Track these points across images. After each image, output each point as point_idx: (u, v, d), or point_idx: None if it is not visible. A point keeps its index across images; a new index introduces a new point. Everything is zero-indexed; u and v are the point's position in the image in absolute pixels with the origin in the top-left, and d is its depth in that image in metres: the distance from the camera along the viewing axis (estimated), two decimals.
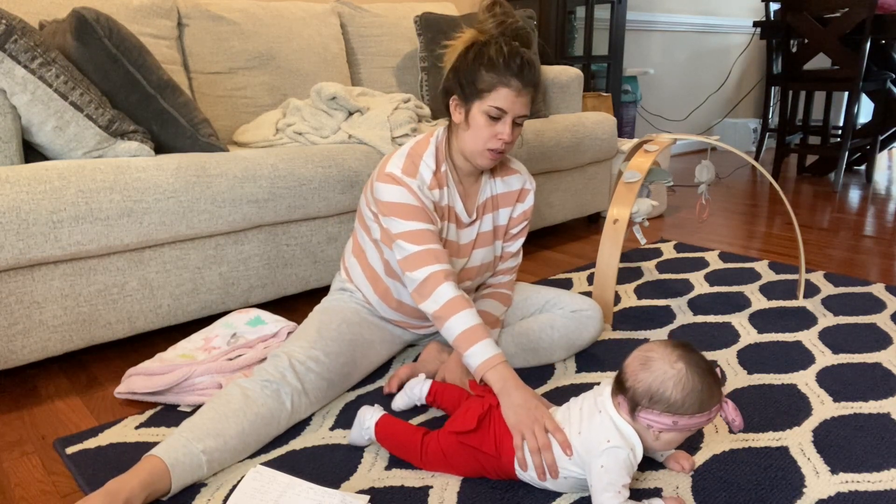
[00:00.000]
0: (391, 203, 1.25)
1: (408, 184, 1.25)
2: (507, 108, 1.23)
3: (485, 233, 1.41)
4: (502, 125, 1.25)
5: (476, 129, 1.26)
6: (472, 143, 1.27)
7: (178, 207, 1.52)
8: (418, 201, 1.25)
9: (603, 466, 0.96)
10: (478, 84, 1.23)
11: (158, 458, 1.04)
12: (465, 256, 1.39)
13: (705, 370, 0.97)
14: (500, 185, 1.43)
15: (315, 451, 1.19)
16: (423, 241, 1.23)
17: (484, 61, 1.22)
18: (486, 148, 1.26)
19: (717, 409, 0.98)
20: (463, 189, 1.37)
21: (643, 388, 0.97)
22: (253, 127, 2.03)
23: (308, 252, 1.81)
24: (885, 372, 1.45)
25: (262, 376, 1.22)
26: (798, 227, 1.91)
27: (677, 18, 4.24)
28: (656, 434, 0.98)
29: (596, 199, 2.71)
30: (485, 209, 1.41)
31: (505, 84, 1.21)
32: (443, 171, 1.32)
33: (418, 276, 1.22)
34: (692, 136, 1.80)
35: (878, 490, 1.06)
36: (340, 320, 1.37)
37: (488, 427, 1.09)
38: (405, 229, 1.24)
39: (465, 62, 1.25)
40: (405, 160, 1.28)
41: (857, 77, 3.24)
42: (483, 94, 1.23)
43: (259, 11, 2.27)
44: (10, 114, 1.43)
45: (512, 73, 1.21)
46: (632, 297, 1.94)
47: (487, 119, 1.24)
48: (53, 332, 1.43)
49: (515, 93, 1.22)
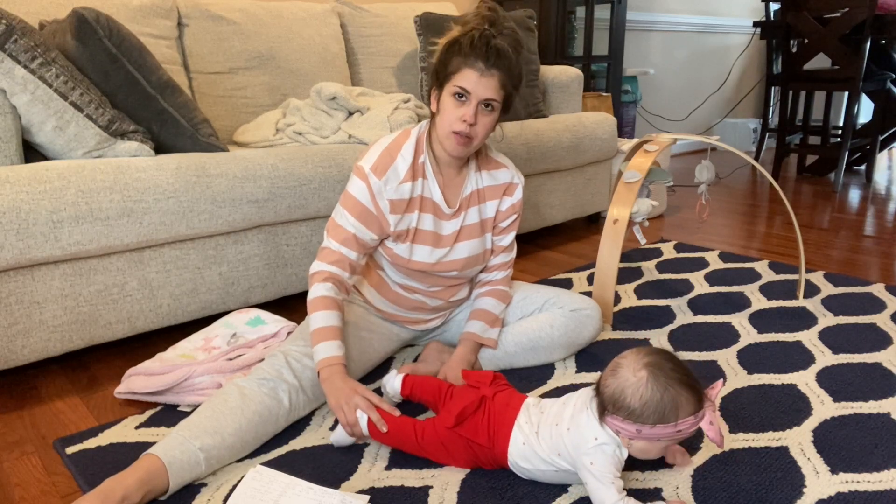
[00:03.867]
0: (349, 195, 1.32)
1: (370, 182, 1.30)
2: (471, 88, 1.24)
3: (470, 225, 1.42)
4: (466, 107, 1.26)
5: (444, 112, 1.29)
6: (441, 126, 1.30)
7: (178, 207, 1.52)
8: (372, 204, 1.31)
9: (593, 463, 0.98)
10: (448, 69, 1.27)
11: (155, 456, 1.04)
12: (447, 247, 1.40)
13: (676, 381, 0.95)
14: (486, 178, 1.44)
15: (315, 451, 1.19)
16: (338, 239, 1.31)
17: (454, 48, 1.27)
18: (451, 130, 1.28)
19: (689, 423, 0.95)
20: (443, 180, 1.39)
21: (608, 394, 0.98)
22: (253, 127, 2.03)
23: (308, 252, 1.81)
24: (885, 372, 1.45)
25: (259, 374, 1.22)
26: (798, 227, 1.91)
27: (677, 18, 4.24)
28: (626, 441, 0.98)
29: (596, 199, 2.71)
30: (469, 202, 1.42)
31: (469, 65, 1.24)
32: (420, 162, 1.35)
33: (313, 267, 1.32)
34: (692, 136, 1.80)
35: (878, 490, 1.06)
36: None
37: (482, 417, 1.10)
38: (339, 222, 1.32)
39: (442, 54, 1.29)
40: (381, 153, 1.32)
41: (857, 77, 3.24)
42: (450, 77, 1.27)
43: (259, 11, 2.27)
44: (10, 114, 1.43)
45: (477, 55, 1.23)
46: (632, 297, 1.94)
47: (454, 100, 1.27)
48: (53, 332, 1.43)
49: (479, 73, 1.24)
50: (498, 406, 1.12)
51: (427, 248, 1.37)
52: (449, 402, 1.17)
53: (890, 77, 3.53)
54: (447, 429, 1.11)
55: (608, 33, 3.24)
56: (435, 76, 1.31)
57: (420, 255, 1.37)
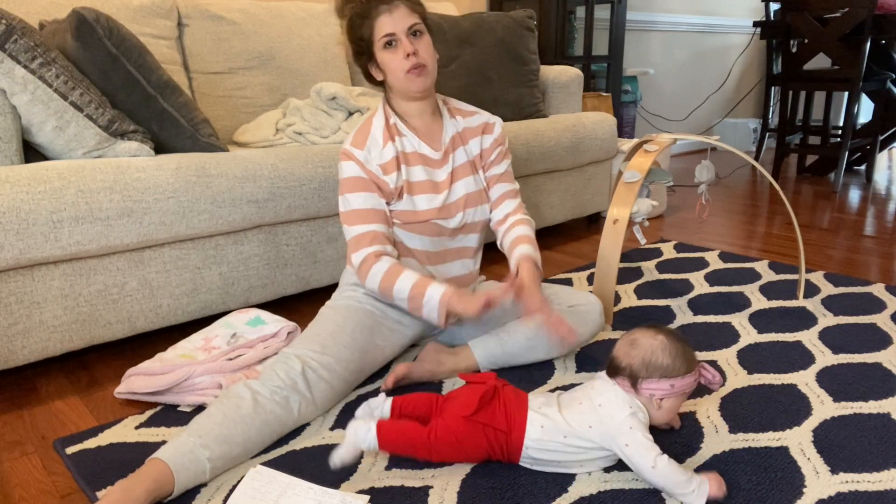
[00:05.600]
0: (344, 179, 1.38)
1: (356, 156, 1.37)
2: (392, 29, 1.30)
3: (460, 165, 1.47)
4: (400, 46, 1.32)
5: (389, 67, 1.34)
6: (395, 78, 1.35)
7: (178, 207, 1.52)
8: (365, 172, 1.37)
9: (632, 427, 1.05)
10: (363, 36, 1.33)
11: (164, 462, 1.04)
12: (445, 190, 1.44)
13: (680, 338, 1.10)
14: (461, 122, 1.50)
15: (315, 451, 1.19)
16: (358, 221, 1.35)
17: (354, 21, 1.33)
18: (405, 73, 1.33)
19: (701, 369, 1.11)
20: (422, 130, 1.44)
21: (639, 362, 1.08)
22: (253, 127, 2.03)
23: (308, 252, 1.81)
24: (885, 372, 1.45)
25: (274, 382, 1.21)
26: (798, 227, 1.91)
27: (677, 18, 4.24)
28: (658, 403, 1.08)
29: (596, 199, 2.71)
30: (454, 145, 1.47)
31: (375, 16, 1.30)
32: (392, 123, 1.42)
33: (356, 260, 1.35)
34: (692, 136, 1.80)
35: (878, 490, 1.06)
36: (354, 324, 1.36)
37: (499, 404, 1.12)
38: (350, 208, 1.36)
39: (349, 38, 1.36)
40: (356, 133, 1.40)
41: (857, 77, 3.24)
42: (372, 40, 1.33)
43: (259, 11, 2.27)
44: (10, 114, 1.43)
45: (373, 4, 1.30)
46: (632, 297, 1.94)
47: (390, 53, 1.33)
48: (53, 332, 1.43)
49: (387, 13, 1.30)
50: (510, 394, 1.15)
51: (426, 196, 1.42)
52: (450, 403, 1.15)
53: (890, 77, 3.53)
54: (466, 417, 1.10)
55: (608, 33, 3.24)
56: (361, 56, 1.37)
57: (422, 203, 1.42)
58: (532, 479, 1.11)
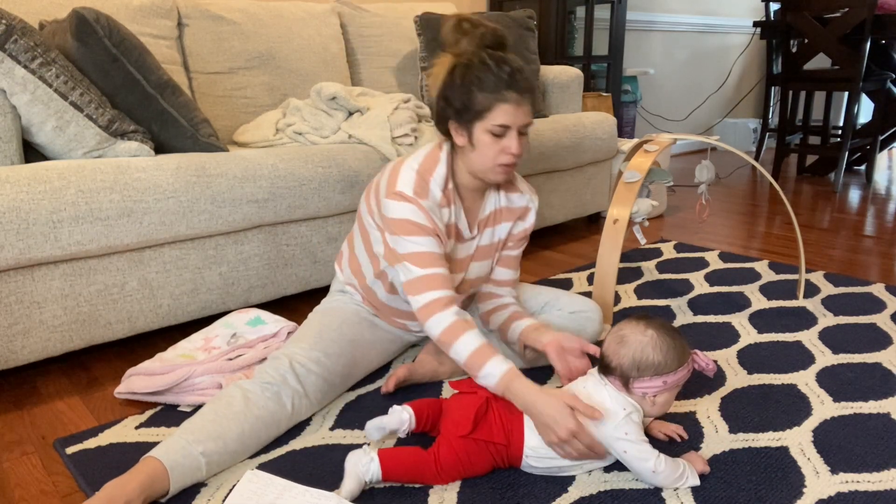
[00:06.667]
0: (400, 220, 1.22)
1: (419, 203, 1.22)
2: (510, 122, 1.20)
3: (484, 246, 1.39)
4: (508, 139, 1.21)
5: (483, 149, 1.23)
6: (481, 161, 1.24)
7: (178, 207, 1.52)
8: (429, 221, 1.22)
9: (627, 433, 1.04)
10: (474, 106, 1.20)
11: (157, 460, 1.04)
12: (463, 271, 1.38)
13: (670, 329, 1.08)
14: (503, 199, 1.40)
15: (315, 452, 1.19)
16: (429, 264, 1.21)
17: (473, 81, 1.19)
18: (496, 164, 1.23)
19: (692, 361, 1.09)
20: (467, 204, 1.35)
21: (629, 362, 1.06)
22: (253, 127, 2.03)
23: (308, 252, 1.81)
24: (885, 372, 1.45)
25: (263, 378, 1.21)
26: (798, 227, 1.91)
27: (677, 18, 4.24)
28: (652, 400, 1.07)
29: (596, 199, 2.71)
30: (486, 223, 1.39)
31: (502, 100, 1.18)
32: (450, 189, 1.30)
33: (420, 301, 1.20)
34: (692, 136, 1.80)
35: (878, 490, 1.06)
36: (341, 321, 1.37)
37: (494, 417, 1.11)
38: (412, 250, 1.21)
39: (454, 87, 1.21)
40: (416, 179, 1.24)
41: (857, 77, 3.24)
42: (482, 115, 1.20)
43: (259, 11, 2.27)
44: (10, 114, 1.43)
45: (505, 85, 1.18)
46: (632, 297, 1.94)
47: (492, 137, 1.21)
48: (53, 332, 1.43)
49: (515, 105, 1.19)
50: (503, 403, 1.13)
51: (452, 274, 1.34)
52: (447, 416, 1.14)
53: (890, 77, 3.53)
54: (463, 437, 1.08)
55: (608, 33, 3.24)
56: (456, 113, 1.22)
57: None
58: (532, 479, 1.11)
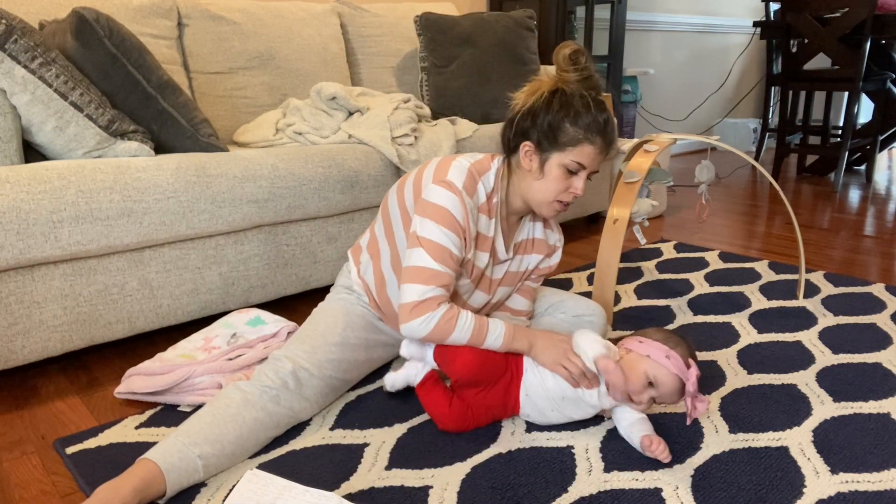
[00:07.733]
0: (439, 206, 1.19)
1: (464, 198, 1.20)
2: (588, 164, 1.22)
3: (513, 273, 1.39)
4: (578, 180, 1.23)
5: (550, 180, 1.22)
6: (543, 192, 1.24)
7: (178, 207, 1.52)
8: (464, 219, 1.21)
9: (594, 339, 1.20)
10: (560, 136, 1.20)
11: (153, 462, 1.04)
12: (492, 293, 1.38)
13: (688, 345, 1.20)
14: (538, 230, 1.40)
15: (315, 451, 1.19)
16: (442, 260, 1.19)
17: (570, 114, 1.19)
18: (556, 199, 1.24)
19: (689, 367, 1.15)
20: (506, 226, 1.35)
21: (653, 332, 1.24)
22: (253, 127, 2.03)
23: (308, 252, 1.81)
24: (885, 372, 1.45)
25: (263, 381, 1.21)
26: (798, 227, 1.91)
27: (677, 18, 4.24)
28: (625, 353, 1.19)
29: (596, 199, 2.71)
30: (519, 249, 1.38)
31: (590, 141, 1.20)
32: (494, 202, 1.28)
33: (420, 292, 1.18)
34: (692, 136, 1.80)
35: (878, 490, 1.06)
36: (345, 325, 1.34)
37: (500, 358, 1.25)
38: (434, 239, 1.18)
39: (548, 110, 1.20)
40: (466, 176, 1.22)
41: (857, 77, 3.24)
42: (565, 148, 1.20)
43: (259, 11, 2.27)
44: (10, 114, 1.43)
45: (598, 130, 1.19)
46: (632, 297, 1.94)
47: (565, 172, 1.22)
48: (53, 332, 1.43)
49: (599, 150, 1.21)
50: None
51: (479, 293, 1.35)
52: None
53: (890, 77, 3.53)
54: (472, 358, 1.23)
55: (608, 33, 3.24)
56: (539, 135, 1.21)
57: (477, 299, 1.35)
58: (532, 478, 1.11)
